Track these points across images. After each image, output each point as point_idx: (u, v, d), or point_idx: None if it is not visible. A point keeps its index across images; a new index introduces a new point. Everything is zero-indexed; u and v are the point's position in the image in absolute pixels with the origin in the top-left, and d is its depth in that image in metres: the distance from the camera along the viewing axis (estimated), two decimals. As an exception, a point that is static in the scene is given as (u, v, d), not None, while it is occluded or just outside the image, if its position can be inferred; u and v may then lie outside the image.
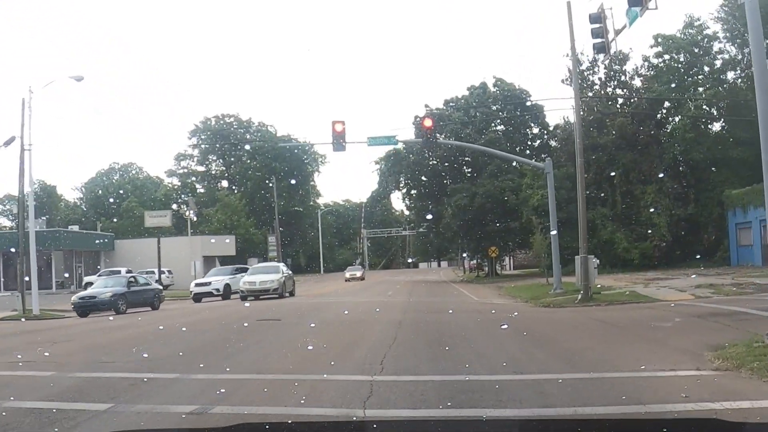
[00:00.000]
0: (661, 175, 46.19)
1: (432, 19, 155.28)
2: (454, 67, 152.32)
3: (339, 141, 25.55)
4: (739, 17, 50.67)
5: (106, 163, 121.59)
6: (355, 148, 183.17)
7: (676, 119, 50.69)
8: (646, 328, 14.40)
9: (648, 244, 46.18)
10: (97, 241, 59.99)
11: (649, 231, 46.24)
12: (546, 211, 44.99)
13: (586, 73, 48.62)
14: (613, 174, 45.98)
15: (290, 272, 38.21)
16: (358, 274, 65.70)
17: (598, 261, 25.01)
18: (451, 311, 21.03)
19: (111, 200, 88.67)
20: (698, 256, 45.27)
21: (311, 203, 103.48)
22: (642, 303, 21.64)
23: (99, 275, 52.07)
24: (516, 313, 20.44)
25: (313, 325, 17.15)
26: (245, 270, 37.64)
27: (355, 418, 6.84)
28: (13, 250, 36.89)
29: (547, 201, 46.41)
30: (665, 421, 4.10)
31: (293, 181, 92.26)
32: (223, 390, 8.72)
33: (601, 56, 48.66)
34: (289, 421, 6.15)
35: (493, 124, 56.25)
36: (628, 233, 46.16)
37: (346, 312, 20.85)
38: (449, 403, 7.58)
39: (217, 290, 35.54)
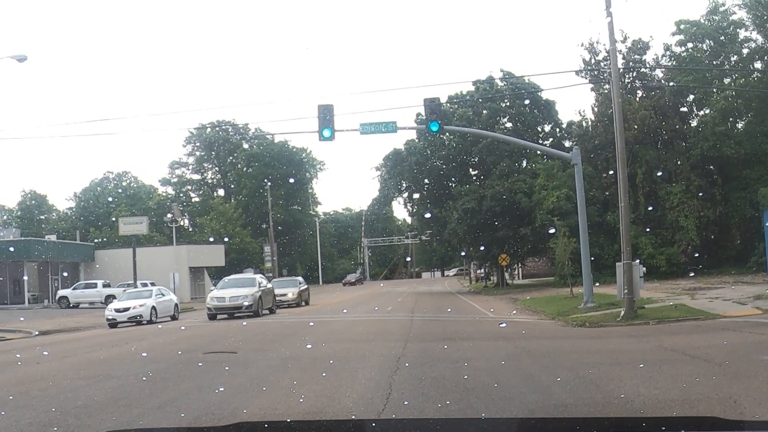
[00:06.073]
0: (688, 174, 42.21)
1: (433, 15, 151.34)
2: (458, 63, 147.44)
3: (326, 128, 21.38)
4: (765, 4, 46.80)
5: (100, 172, 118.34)
6: (355, 152, 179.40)
7: (701, 113, 46.75)
8: (761, 365, 9.94)
9: (675, 249, 42.23)
10: (75, 252, 55.91)
11: (676, 235, 42.36)
12: (563, 213, 41.09)
13: (602, 64, 44.95)
14: (635, 172, 41.93)
15: (270, 286, 32.13)
16: (290, 294, 35.67)
17: (644, 269, 20.71)
18: (468, 340, 16.20)
19: (103, 209, 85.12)
20: (730, 262, 41.39)
21: (310, 211, 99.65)
22: (701, 320, 17.46)
23: (74, 288, 48.15)
24: (551, 339, 16.17)
25: (268, 363, 12.35)
26: None
27: (354, 417, 6.84)
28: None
29: (564, 203, 42.98)
30: (664, 420, 3.52)
31: (291, 185, 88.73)
32: None
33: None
34: (288, 420, 6.37)
35: (501, 122, 52.09)
36: (652, 238, 42.19)
37: (323, 344, 15.53)
38: (448, 402, 7.49)
39: None
